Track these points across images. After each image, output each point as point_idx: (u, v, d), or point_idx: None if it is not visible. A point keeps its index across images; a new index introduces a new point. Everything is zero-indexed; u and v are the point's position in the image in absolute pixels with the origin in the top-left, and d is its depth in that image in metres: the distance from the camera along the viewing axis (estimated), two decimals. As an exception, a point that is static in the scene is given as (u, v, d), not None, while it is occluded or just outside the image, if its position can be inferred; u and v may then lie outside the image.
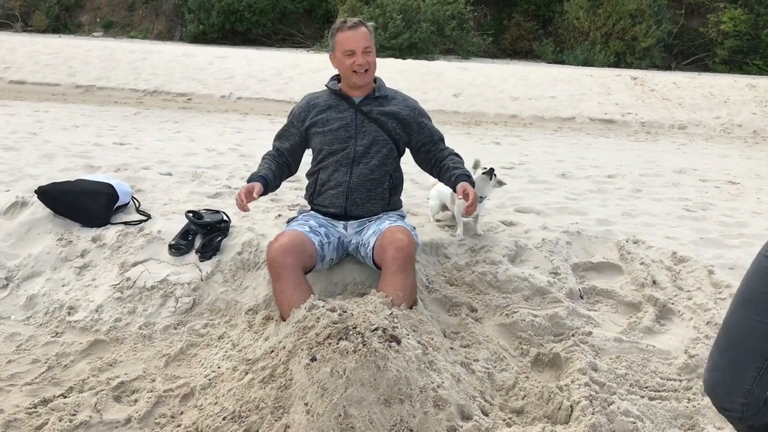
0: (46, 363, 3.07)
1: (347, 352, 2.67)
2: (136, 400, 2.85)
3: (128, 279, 3.49)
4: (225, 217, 3.76)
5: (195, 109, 12.31)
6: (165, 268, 3.54)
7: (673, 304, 3.45)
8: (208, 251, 3.55)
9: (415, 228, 3.43)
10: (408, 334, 2.84)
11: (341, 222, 3.35)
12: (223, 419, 2.65)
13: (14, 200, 3.96)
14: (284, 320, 2.99)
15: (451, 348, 3.04)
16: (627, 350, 3.15)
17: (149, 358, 3.14)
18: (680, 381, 2.98)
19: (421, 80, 14.95)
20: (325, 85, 3.49)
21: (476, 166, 3.73)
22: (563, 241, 3.90)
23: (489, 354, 3.10)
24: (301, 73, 15.31)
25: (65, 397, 2.82)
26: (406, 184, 5.34)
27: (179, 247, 3.59)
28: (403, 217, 3.48)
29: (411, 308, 3.08)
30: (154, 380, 2.99)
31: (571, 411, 2.71)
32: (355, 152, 3.30)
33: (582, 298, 3.57)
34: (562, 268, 3.67)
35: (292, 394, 2.68)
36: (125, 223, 3.84)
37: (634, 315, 3.42)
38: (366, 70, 3.28)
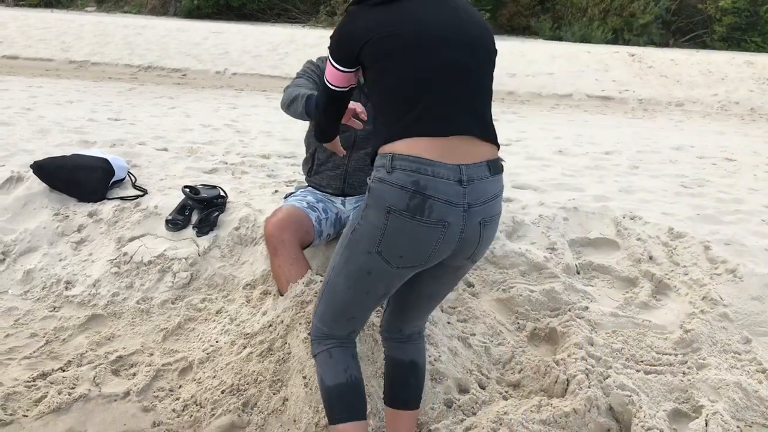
0: (44, 337, 3.07)
1: (345, 327, 2.68)
2: (134, 374, 2.87)
3: (125, 254, 3.49)
4: (222, 193, 3.75)
5: (190, 85, 12.25)
6: (162, 243, 3.54)
7: (669, 279, 3.46)
8: (205, 226, 3.55)
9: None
10: (405, 309, 2.85)
11: (339, 198, 3.34)
12: (222, 392, 2.67)
13: (9, 175, 3.94)
14: (282, 295, 2.99)
15: (449, 323, 3.06)
16: (623, 325, 3.17)
17: (147, 332, 3.14)
18: (675, 355, 3.00)
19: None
20: None
21: None
22: (560, 217, 3.90)
23: (486, 328, 3.11)
24: (297, 48, 15.18)
25: (64, 371, 2.83)
26: None
27: (176, 222, 3.58)
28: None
29: (408, 283, 3.08)
30: (152, 354, 3.00)
31: (567, 384, 2.73)
32: (356, 136, 3.19)
33: (579, 273, 3.58)
34: (559, 243, 3.68)
35: (291, 367, 2.70)
36: (121, 198, 3.82)
37: (631, 290, 3.44)
38: None
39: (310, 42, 15.85)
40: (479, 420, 2.54)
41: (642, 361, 2.97)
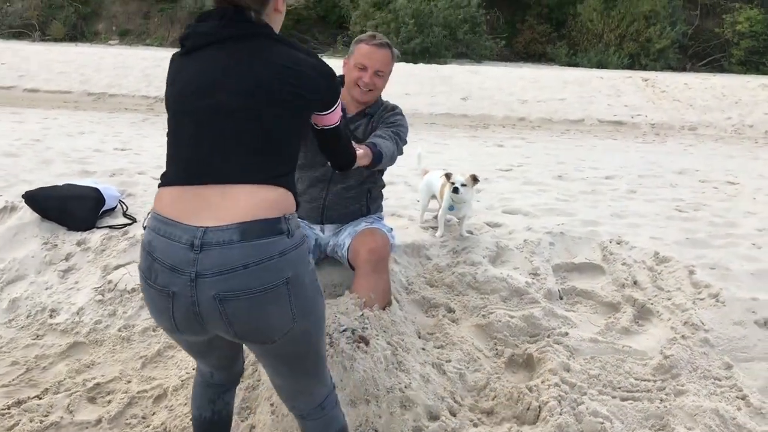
0: (24, 365, 3.11)
1: (314, 353, 2.69)
2: (109, 401, 2.89)
3: (110, 282, 3.54)
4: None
5: None
6: (146, 271, 3.58)
7: (652, 304, 3.43)
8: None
9: (392, 229, 3.44)
10: (378, 335, 2.85)
11: (318, 225, 3.36)
12: (191, 419, 2.68)
13: (3, 205, 4.03)
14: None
15: (423, 349, 3.05)
16: (602, 351, 3.14)
17: (127, 359, 3.17)
18: (654, 381, 2.96)
19: (431, 84, 14.96)
20: None
21: (447, 177, 3.73)
22: (546, 242, 3.89)
23: (462, 355, 3.10)
24: (311, 78, 15.36)
25: (40, 398, 2.87)
26: (398, 187, 5.37)
27: (161, 250, 3.62)
28: (380, 219, 3.47)
29: (384, 309, 3.08)
30: (129, 381, 3.02)
31: (540, 411, 2.71)
32: (333, 171, 3.15)
33: (561, 298, 3.56)
34: (543, 268, 3.66)
35: (260, 395, 2.71)
36: (110, 226, 3.89)
37: (613, 315, 3.41)
38: (370, 90, 3.14)
39: (323, 71, 16.01)
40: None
41: (619, 388, 2.93)
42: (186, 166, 1.75)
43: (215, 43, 1.79)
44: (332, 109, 1.95)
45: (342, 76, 3.24)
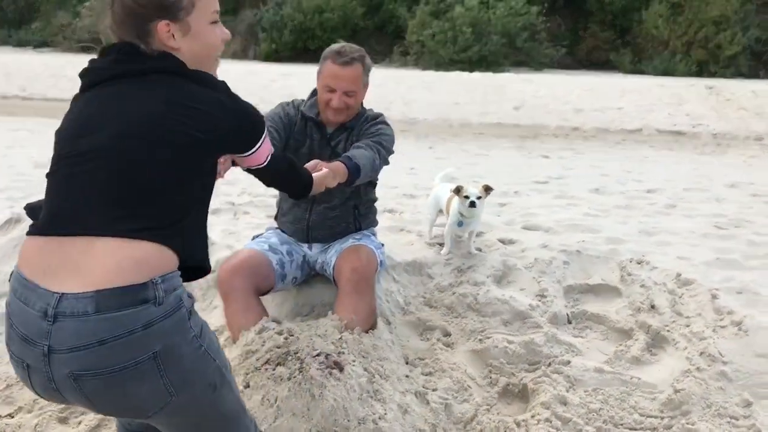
0: (5, 381, 3.05)
1: (281, 379, 2.53)
2: (80, 422, 2.79)
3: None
4: (204, 235, 3.69)
5: None
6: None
7: (668, 331, 3.14)
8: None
9: (382, 245, 3.26)
10: (354, 361, 2.66)
11: (305, 243, 3.20)
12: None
13: (9, 216, 4.02)
14: (235, 343, 2.86)
15: (407, 376, 2.84)
16: (607, 382, 2.87)
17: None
18: (661, 418, 2.68)
19: (483, 93, 14.70)
20: (301, 109, 3.10)
21: (458, 191, 3.52)
22: (560, 261, 3.64)
23: (451, 383, 2.88)
24: (362, 88, 15.33)
25: (11, 416, 2.80)
26: (418, 200, 5.18)
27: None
28: (370, 235, 3.28)
29: (367, 332, 2.90)
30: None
31: (526, 449, 2.48)
32: None
33: (570, 323, 3.30)
34: (552, 290, 3.41)
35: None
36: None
37: (624, 343, 3.13)
38: (343, 109, 2.95)
39: (376, 81, 15.89)
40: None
41: (621, 424, 2.66)
42: (51, 215, 1.57)
43: (109, 80, 1.63)
44: (252, 150, 1.78)
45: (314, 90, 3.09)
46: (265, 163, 1.87)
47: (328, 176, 2.43)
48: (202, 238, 1.72)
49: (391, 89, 15.31)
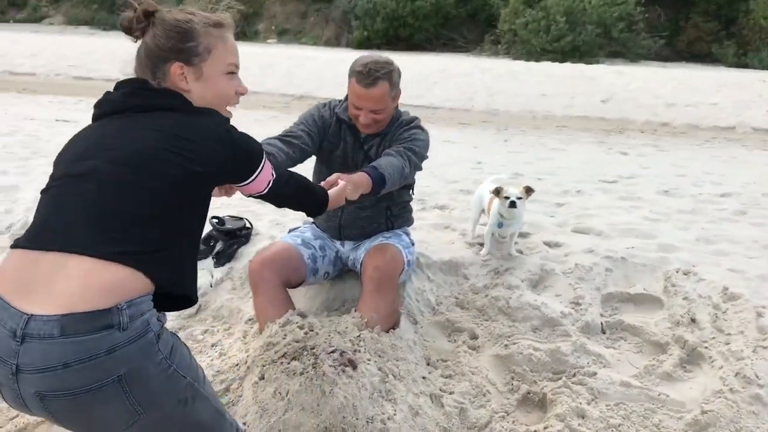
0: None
1: (295, 374, 2.58)
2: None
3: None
4: (247, 224, 3.80)
5: None
6: (182, 273, 3.63)
7: (706, 348, 3.00)
8: (222, 257, 3.61)
9: (412, 245, 3.25)
10: (369, 360, 2.69)
11: (338, 240, 3.24)
12: None
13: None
14: (261, 334, 2.94)
15: (424, 378, 2.84)
16: (633, 397, 2.77)
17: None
18: (684, 439, 2.58)
19: (570, 85, 14.34)
20: (336, 111, 3.09)
21: (497, 192, 3.47)
22: (602, 268, 3.53)
23: (470, 387, 2.86)
24: (447, 77, 15.23)
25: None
26: (455, 195, 5.12)
27: (199, 252, 3.66)
28: (402, 234, 3.27)
29: (388, 331, 2.92)
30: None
31: (535, 461, 2.44)
32: None
33: (604, 332, 3.21)
34: (588, 297, 3.32)
35: (237, 411, 2.64)
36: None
37: (657, 357, 3.02)
38: (371, 125, 2.94)
39: (461, 71, 15.86)
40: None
41: (641, 443, 2.58)
42: (35, 229, 1.63)
43: (118, 112, 1.74)
44: (249, 180, 1.85)
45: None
46: (265, 191, 1.92)
47: (345, 190, 2.41)
48: (190, 267, 1.76)
49: (476, 79, 15.17)
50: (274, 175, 1.92)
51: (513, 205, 3.39)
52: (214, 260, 3.61)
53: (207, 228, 3.77)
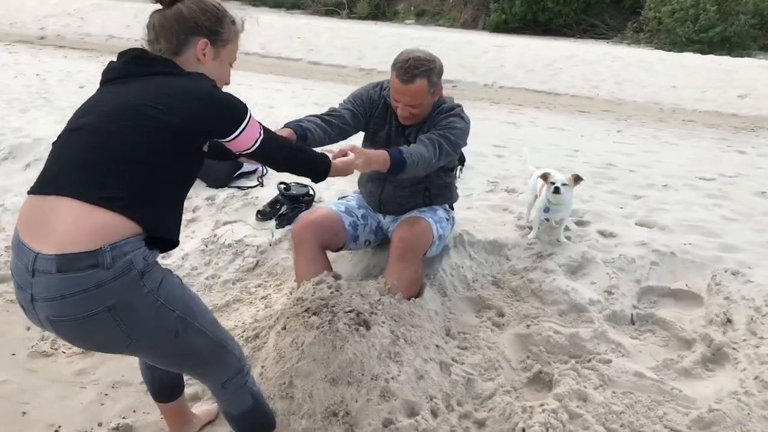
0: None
1: (312, 327, 2.81)
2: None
3: (215, 235, 3.97)
4: (311, 192, 4.04)
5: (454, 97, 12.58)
6: (246, 230, 3.95)
7: (734, 349, 2.93)
8: (283, 220, 3.88)
9: (447, 220, 3.33)
10: (384, 323, 2.86)
11: (378, 213, 3.41)
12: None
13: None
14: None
15: (437, 346, 2.97)
16: (643, 388, 2.78)
17: (201, 305, 3.55)
18: (685, 434, 2.57)
19: (705, 78, 13.56)
20: (383, 94, 3.22)
21: (545, 177, 3.52)
22: (647, 261, 3.49)
23: (483, 360, 2.96)
24: (574, 64, 14.82)
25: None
26: (523, 179, 5.10)
27: (264, 213, 3.97)
28: (439, 209, 3.36)
29: (410, 299, 3.07)
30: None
31: (524, 435, 2.53)
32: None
33: (633, 323, 3.19)
34: (624, 288, 3.31)
35: (260, 356, 2.90)
36: (238, 187, 4.32)
37: (680, 353, 2.99)
38: (409, 118, 3.05)
39: (590, 58, 15.38)
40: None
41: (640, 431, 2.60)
42: (41, 176, 1.88)
43: (119, 78, 1.98)
44: (232, 137, 1.98)
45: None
46: (252, 149, 2.06)
47: (354, 163, 2.51)
48: (173, 213, 1.99)
49: (605, 67, 14.66)
50: (263, 134, 2.07)
51: (557, 191, 3.42)
52: (276, 222, 3.89)
53: (275, 193, 4.07)
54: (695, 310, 3.24)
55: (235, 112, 1.98)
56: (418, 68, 2.89)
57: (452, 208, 3.48)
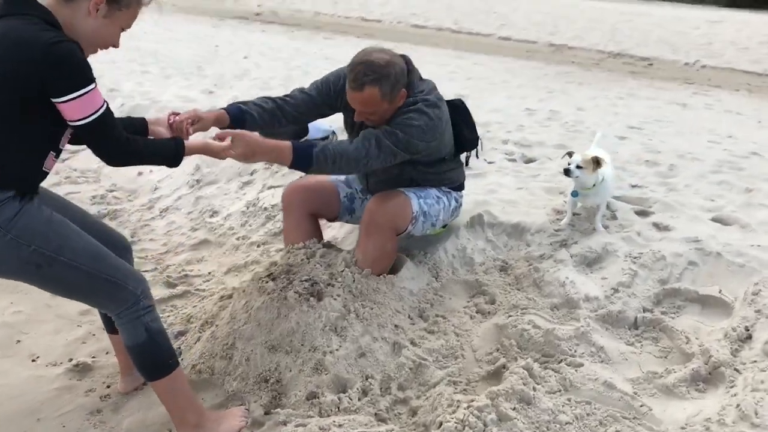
0: (165, 245, 3.88)
1: (264, 292, 2.81)
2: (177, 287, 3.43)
3: (258, 198, 4.07)
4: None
5: (644, 76, 11.46)
6: (284, 196, 4.01)
7: (735, 370, 2.44)
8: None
9: (439, 198, 3.02)
10: (339, 296, 2.77)
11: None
12: (180, 320, 3.09)
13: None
14: (284, 255, 3.17)
15: (396, 326, 2.80)
16: (606, 400, 2.41)
17: (223, 264, 3.67)
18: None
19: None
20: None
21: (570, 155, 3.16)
22: (684, 260, 3.01)
23: (443, 347, 2.75)
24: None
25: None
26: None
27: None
28: (428, 188, 3.05)
29: (380, 275, 2.92)
30: (208, 281, 3.53)
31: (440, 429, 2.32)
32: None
33: (637, 328, 2.78)
34: (638, 288, 2.89)
35: (221, 315, 2.94)
36: (298, 154, 4.39)
37: (673, 367, 2.55)
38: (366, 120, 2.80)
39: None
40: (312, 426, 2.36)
41: (575, 448, 2.27)
42: None
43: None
44: (63, 99, 1.95)
45: None
46: (82, 122, 2.01)
47: (227, 150, 2.41)
48: (22, 160, 2.06)
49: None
50: (104, 110, 2.03)
51: (567, 173, 3.06)
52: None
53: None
54: (720, 321, 2.75)
55: (77, 75, 1.96)
56: (367, 75, 2.64)
57: (458, 190, 3.21)
